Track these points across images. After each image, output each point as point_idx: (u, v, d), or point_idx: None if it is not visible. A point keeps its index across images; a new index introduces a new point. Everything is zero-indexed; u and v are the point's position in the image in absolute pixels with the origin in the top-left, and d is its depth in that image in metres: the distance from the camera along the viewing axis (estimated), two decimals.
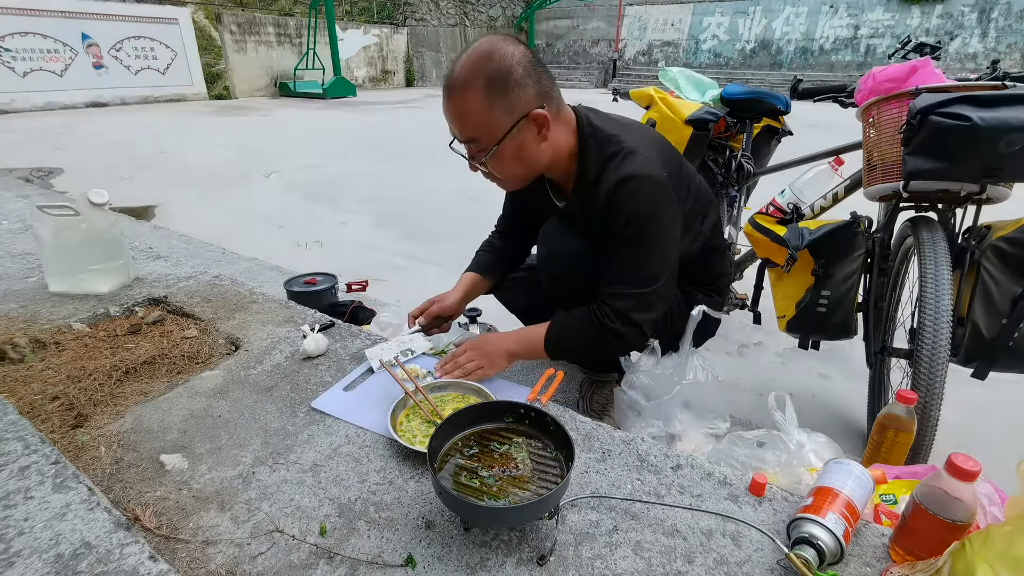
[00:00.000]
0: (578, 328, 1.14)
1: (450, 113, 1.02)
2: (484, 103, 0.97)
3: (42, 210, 1.55)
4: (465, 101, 0.98)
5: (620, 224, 1.06)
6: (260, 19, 13.25)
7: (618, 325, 1.10)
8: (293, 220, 3.72)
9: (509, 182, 1.12)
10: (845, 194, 1.69)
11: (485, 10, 19.24)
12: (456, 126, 1.03)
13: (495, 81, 0.96)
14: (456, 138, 1.06)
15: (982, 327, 1.22)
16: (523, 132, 1.02)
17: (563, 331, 1.16)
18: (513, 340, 1.21)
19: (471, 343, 1.20)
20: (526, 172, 1.11)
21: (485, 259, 1.45)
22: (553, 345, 1.17)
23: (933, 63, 1.38)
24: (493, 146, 1.02)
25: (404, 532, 0.84)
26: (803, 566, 0.73)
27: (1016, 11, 12.72)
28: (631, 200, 1.05)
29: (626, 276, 1.10)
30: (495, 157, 1.04)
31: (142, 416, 1.11)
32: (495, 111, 0.98)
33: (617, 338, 1.11)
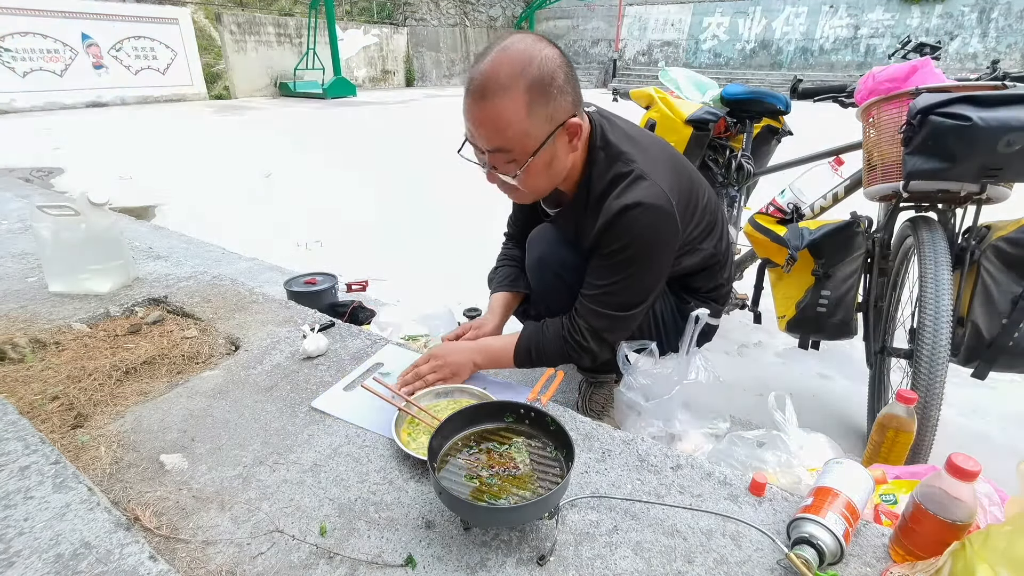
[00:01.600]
0: (549, 343, 1.14)
1: (479, 119, 0.91)
2: (524, 111, 0.89)
3: (42, 210, 1.54)
4: (502, 108, 0.88)
5: (615, 249, 1.02)
6: (260, 19, 13.25)
7: (590, 343, 1.10)
8: (293, 220, 3.72)
9: (529, 195, 1.05)
10: (845, 194, 1.69)
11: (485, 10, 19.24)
12: (484, 134, 0.93)
13: (537, 88, 0.88)
14: (475, 145, 0.97)
15: (982, 327, 1.22)
16: (557, 142, 0.96)
17: (534, 346, 1.15)
18: (479, 352, 1.16)
19: (435, 351, 1.14)
20: (550, 184, 1.04)
21: (510, 273, 1.36)
22: (522, 358, 1.16)
23: (933, 63, 1.38)
24: (527, 159, 0.94)
25: (404, 532, 0.84)
26: (803, 566, 0.73)
27: (1016, 11, 12.71)
28: (631, 229, 1.00)
29: (607, 299, 1.07)
30: (526, 170, 0.95)
31: (142, 416, 1.11)
32: (534, 120, 0.90)
33: (585, 353, 1.12)
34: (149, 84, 11.21)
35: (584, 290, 1.11)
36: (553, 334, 1.13)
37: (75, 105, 10.07)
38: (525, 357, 1.16)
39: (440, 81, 18.53)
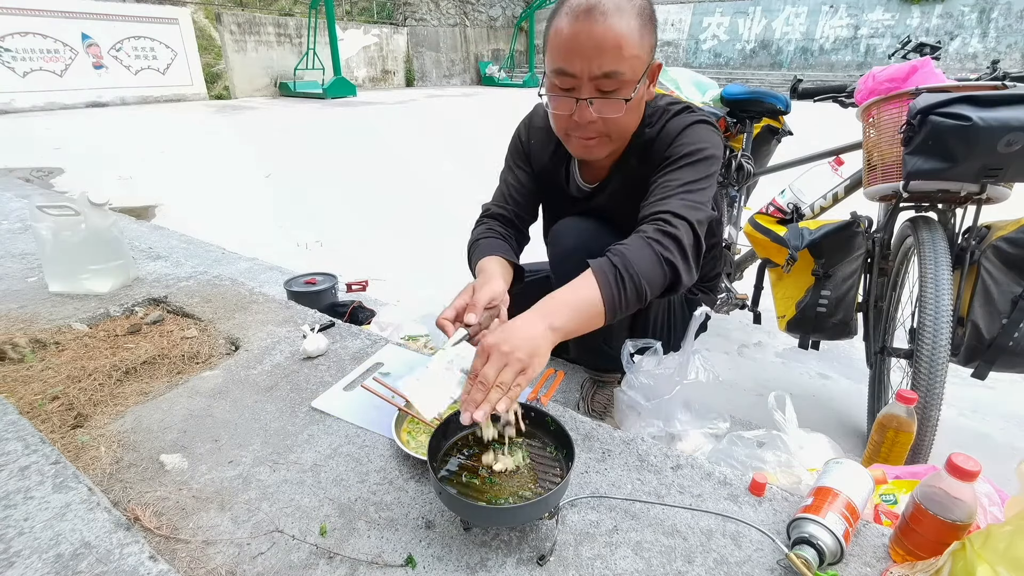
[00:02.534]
0: (635, 253, 0.87)
1: (595, 38, 0.86)
2: (636, 33, 0.88)
3: (42, 210, 1.55)
4: (619, 28, 0.86)
5: (691, 151, 0.97)
6: (260, 19, 13.24)
7: (680, 231, 0.90)
8: (293, 220, 3.72)
9: (613, 140, 1.00)
10: (845, 194, 1.69)
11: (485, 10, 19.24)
12: (600, 54, 0.87)
13: (645, 13, 0.90)
14: (572, 76, 0.90)
15: (982, 327, 1.22)
16: (646, 80, 0.94)
17: (622, 268, 0.85)
18: (550, 314, 0.81)
19: (487, 344, 0.78)
20: (633, 128, 1.01)
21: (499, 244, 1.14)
22: (612, 291, 0.84)
23: (933, 63, 1.38)
24: (635, 85, 0.91)
25: (404, 532, 0.84)
26: (803, 566, 0.73)
27: (1016, 11, 12.71)
28: (701, 136, 0.99)
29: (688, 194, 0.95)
30: (629, 102, 0.92)
31: (142, 416, 1.11)
32: (643, 45, 0.90)
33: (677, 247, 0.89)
34: (149, 84, 11.20)
35: (657, 195, 0.96)
36: (634, 244, 0.88)
37: (75, 105, 10.06)
38: (616, 288, 0.84)
39: (440, 81, 18.52)
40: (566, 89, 0.93)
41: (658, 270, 0.87)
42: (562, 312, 0.82)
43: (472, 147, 6.07)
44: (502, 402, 0.74)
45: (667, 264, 0.88)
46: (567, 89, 0.93)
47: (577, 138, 1.00)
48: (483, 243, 1.14)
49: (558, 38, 0.90)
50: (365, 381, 1.18)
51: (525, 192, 1.22)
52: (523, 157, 1.24)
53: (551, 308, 0.82)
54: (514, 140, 1.25)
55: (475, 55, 19.32)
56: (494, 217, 1.21)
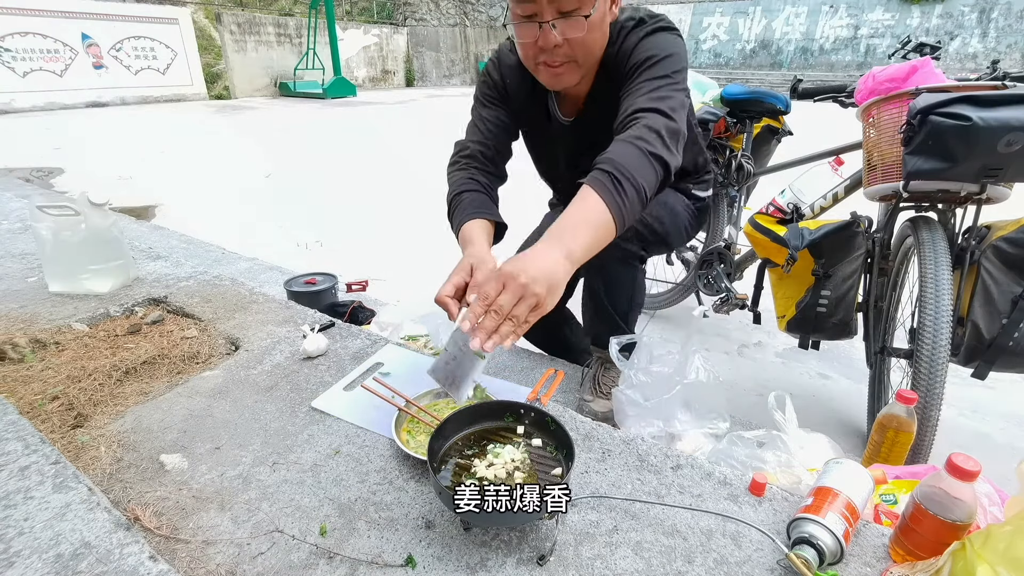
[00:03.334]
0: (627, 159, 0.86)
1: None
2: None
3: (42, 210, 1.55)
4: None
5: (655, 55, 0.98)
6: (260, 19, 13.25)
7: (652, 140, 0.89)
8: (293, 220, 3.72)
9: (580, 64, 1.02)
10: (845, 194, 1.69)
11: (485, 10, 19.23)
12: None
13: None
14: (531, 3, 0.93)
15: (982, 327, 1.22)
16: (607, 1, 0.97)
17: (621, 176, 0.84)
18: (565, 239, 0.79)
19: (506, 272, 0.73)
20: (599, 52, 1.03)
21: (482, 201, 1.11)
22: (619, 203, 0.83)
23: (933, 63, 1.38)
24: (593, 3, 0.93)
25: (404, 532, 0.84)
26: (803, 566, 0.73)
27: (1016, 11, 12.71)
28: (661, 43, 1.00)
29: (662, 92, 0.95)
30: (591, 21, 0.94)
31: (142, 416, 1.11)
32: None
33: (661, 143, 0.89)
34: (149, 84, 11.20)
35: (625, 104, 0.97)
36: (616, 148, 0.88)
37: (75, 105, 10.06)
38: (618, 194, 0.83)
39: (440, 81, 18.52)
40: (528, 16, 0.94)
41: (647, 165, 0.87)
42: (576, 234, 0.79)
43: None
44: (509, 337, 0.72)
45: (653, 157, 0.87)
46: (529, 16, 0.94)
47: (545, 66, 1.01)
48: (466, 198, 1.10)
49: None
50: (365, 381, 1.18)
51: (501, 128, 1.20)
52: (498, 93, 1.22)
53: (564, 232, 0.79)
54: (484, 78, 1.24)
55: (475, 55, 19.32)
56: (472, 157, 1.18)
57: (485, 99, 1.23)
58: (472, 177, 1.15)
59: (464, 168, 1.17)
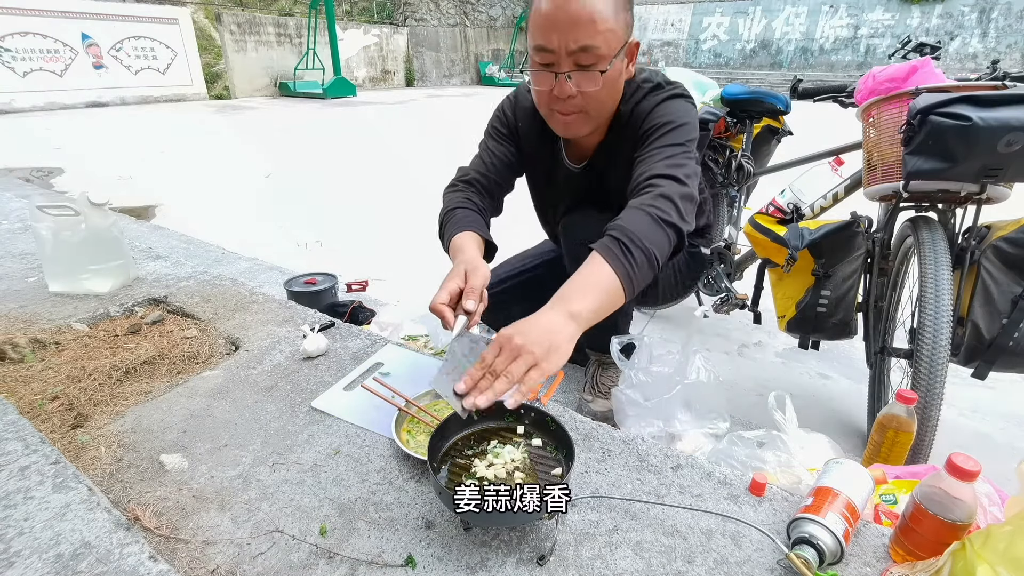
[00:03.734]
0: (636, 224, 0.87)
1: (571, 14, 0.90)
2: (611, 10, 0.92)
3: (42, 210, 1.55)
4: (593, 3, 0.90)
5: (668, 121, 1.01)
6: (260, 19, 13.24)
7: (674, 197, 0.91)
8: (293, 220, 3.72)
9: (592, 116, 1.03)
10: (845, 194, 1.69)
11: (485, 10, 19.24)
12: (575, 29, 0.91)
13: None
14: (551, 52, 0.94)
15: (982, 327, 1.22)
16: (623, 58, 0.99)
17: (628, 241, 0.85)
18: (569, 301, 0.80)
19: (502, 335, 0.76)
20: (612, 107, 1.06)
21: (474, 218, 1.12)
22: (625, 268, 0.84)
23: (933, 63, 1.38)
24: (612, 57, 0.95)
25: (404, 532, 0.84)
26: (803, 566, 0.73)
27: (1016, 11, 12.71)
28: (678, 111, 1.03)
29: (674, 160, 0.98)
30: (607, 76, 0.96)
31: (142, 416, 1.11)
32: (618, 22, 0.94)
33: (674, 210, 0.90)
34: (149, 84, 11.19)
35: (639, 168, 0.99)
36: (629, 215, 0.89)
37: (75, 105, 10.05)
38: (626, 260, 0.84)
39: (440, 81, 18.52)
40: (546, 65, 0.97)
41: (660, 232, 0.88)
42: (580, 296, 0.80)
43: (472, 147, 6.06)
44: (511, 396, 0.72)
45: (666, 224, 0.89)
46: (547, 65, 0.97)
47: (558, 114, 1.03)
48: (459, 214, 1.11)
49: (537, 16, 0.94)
50: (365, 381, 1.18)
51: (505, 164, 1.23)
52: (509, 131, 1.25)
53: (569, 295, 0.81)
54: (498, 114, 1.27)
55: (475, 55, 19.32)
56: (471, 183, 1.20)
57: (495, 133, 1.26)
58: (468, 198, 1.17)
59: (460, 191, 1.19)
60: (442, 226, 1.13)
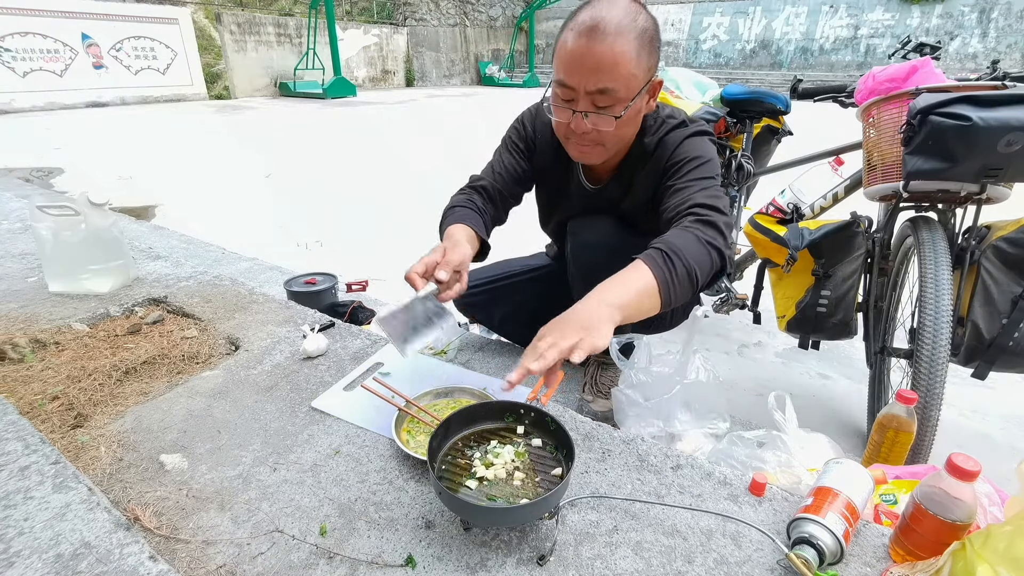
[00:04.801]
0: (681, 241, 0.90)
1: (594, 57, 0.92)
2: (634, 55, 0.94)
3: (42, 210, 1.55)
4: (618, 47, 0.92)
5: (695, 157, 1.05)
6: (260, 19, 13.23)
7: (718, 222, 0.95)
8: (293, 220, 3.72)
9: (608, 148, 1.06)
10: (845, 194, 1.69)
11: (485, 10, 19.24)
12: (597, 73, 0.93)
13: (646, 36, 0.96)
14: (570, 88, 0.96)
15: (982, 327, 1.22)
16: (644, 96, 1.01)
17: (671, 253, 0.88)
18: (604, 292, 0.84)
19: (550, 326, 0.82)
20: (630, 138, 1.09)
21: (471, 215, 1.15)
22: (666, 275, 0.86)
23: (933, 63, 1.38)
24: (629, 101, 0.97)
25: (404, 532, 0.84)
26: (803, 566, 0.73)
27: (1016, 11, 12.70)
28: (706, 148, 1.07)
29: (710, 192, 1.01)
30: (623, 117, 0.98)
31: (142, 416, 1.11)
32: (640, 66, 0.95)
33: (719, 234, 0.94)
34: (149, 84, 11.19)
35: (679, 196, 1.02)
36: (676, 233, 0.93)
37: (75, 105, 10.05)
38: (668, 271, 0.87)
39: (440, 81, 18.52)
40: (566, 100, 0.99)
41: (704, 254, 0.91)
42: (616, 289, 0.84)
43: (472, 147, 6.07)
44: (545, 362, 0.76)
45: (713, 248, 0.92)
46: (567, 100, 0.99)
47: (573, 144, 1.06)
48: (458, 211, 1.16)
49: (562, 52, 0.96)
50: (365, 381, 1.18)
51: (516, 175, 1.25)
52: (525, 144, 1.26)
53: (604, 288, 0.85)
54: (517, 126, 1.28)
55: (475, 55, 19.32)
56: (477, 189, 1.23)
57: (510, 145, 1.28)
58: (470, 199, 1.20)
59: (466, 194, 1.22)
60: (441, 221, 1.17)
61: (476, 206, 1.19)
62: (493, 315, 1.56)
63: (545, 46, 19.88)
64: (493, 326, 1.61)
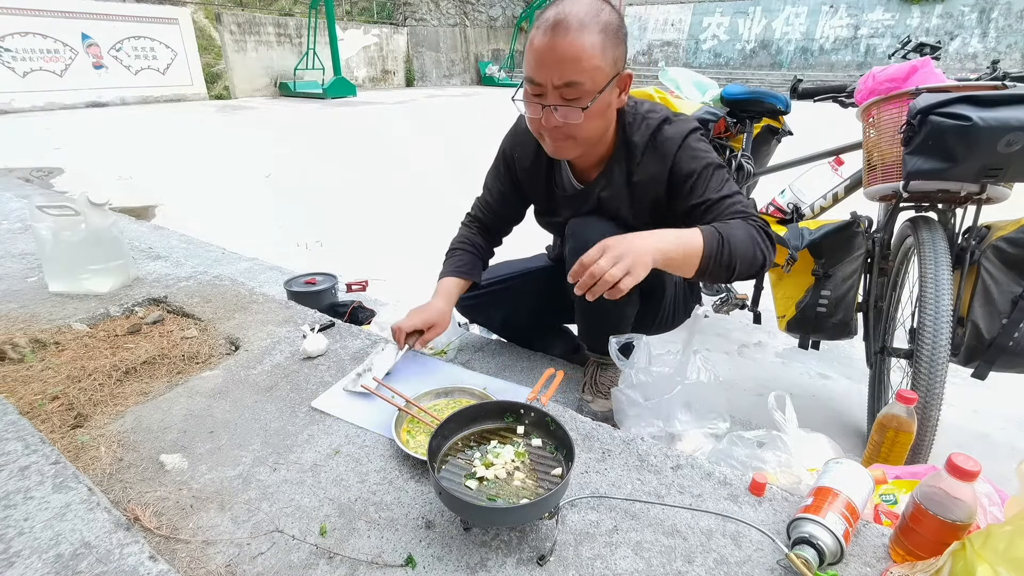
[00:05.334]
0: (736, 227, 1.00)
1: (558, 51, 0.95)
2: (598, 47, 0.96)
3: (42, 210, 1.54)
4: (580, 42, 0.94)
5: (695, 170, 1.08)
6: (260, 19, 13.24)
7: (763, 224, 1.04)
8: (293, 220, 3.72)
9: (579, 142, 1.08)
10: (845, 194, 1.69)
11: (485, 10, 19.23)
12: (559, 67, 0.96)
13: (610, 29, 0.98)
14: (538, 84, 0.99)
15: (982, 327, 1.22)
16: (613, 89, 1.03)
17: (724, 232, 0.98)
18: (661, 239, 0.94)
19: (606, 243, 0.91)
20: (601, 132, 1.10)
21: (466, 260, 1.36)
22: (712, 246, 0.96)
23: (933, 63, 1.38)
24: (596, 93, 0.99)
25: (404, 532, 0.84)
26: (803, 566, 0.73)
27: (1016, 11, 12.70)
28: (691, 150, 1.09)
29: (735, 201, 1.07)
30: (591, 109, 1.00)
31: (142, 416, 1.11)
32: (605, 58, 0.97)
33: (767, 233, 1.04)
34: (149, 84, 11.19)
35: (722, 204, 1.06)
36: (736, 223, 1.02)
37: (75, 105, 10.05)
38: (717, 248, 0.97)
39: (440, 81, 18.52)
40: (536, 95, 1.02)
41: (753, 252, 1.00)
42: (670, 238, 0.95)
43: (472, 147, 6.07)
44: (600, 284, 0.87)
45: (761, 251, 1.01)
46: (536, 95, 1.02)
47: (547, 140, 1.09)
48: (456, 256, 1.37)
49: (530, 50, 1.00)
50: (363, 381, 1.18)
51: (503, 203, 1.37)
52: (505, 169, 1.33)
53: (661, 234, 0.95)
54: (500, 152, 1.35)
55: (475, 55, 19.31)
56: (475, 220, 1.42)
57: (495, 170, 1.36)
58: (469, 239, 1.39)
59: (468, 227, 1.43)
60: (445, 259, 1.38)
61: (474, 245, 1.38)
62: (493, 318, 1.56)
63: None
64: (493, 328, 1.61)
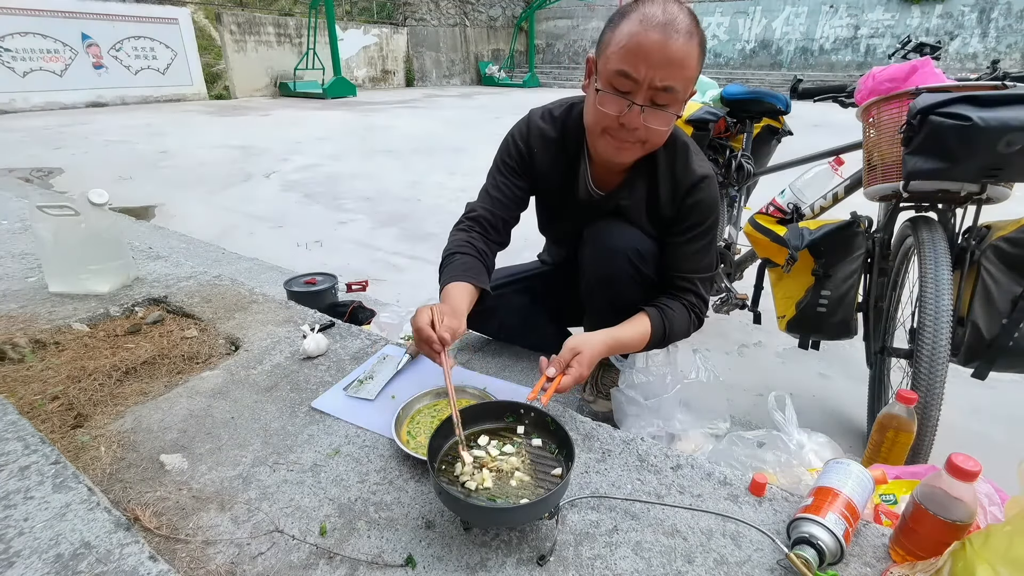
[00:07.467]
0: (679, 322, 1.13)
1: (668, 52, 0.92)
2: (696, 59, 0.96)
3: (42, 210, 1.54)
4: (688, 47, 0.94)
5: (698, 223, 1.13)
6: (260, 19, 13.23)
7: (702, 308, 1.18)
8: (293, 220, 3.72)
9: (645, 148, 1.06)
10: (845, 194, 1.69)
11: (485, 10, 19.23)
12: (668, 67, 0.93)
13: (704, 45, 0.98)
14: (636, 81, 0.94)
15: (982, 327, 1.22)
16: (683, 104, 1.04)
17: (668, 330, 1.12)
18: (604, 346, 1.05)
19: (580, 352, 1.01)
20: (663, 142, 1.10)
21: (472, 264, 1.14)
22: (656, 344, 1.13)
23: (933, 63, 1.38)
24: (683, 103, 1.01)
25: (404, 532, 0.84)
26: (803, 566, 0.73)
27: (1016, 11, 12.70)
28: (708, 199, 1.12)
29: (700, 267, 1.17)
30: (672, 114, 1.00)
31: (142, 416, 1.11)
32: (697, 71, 0.98)
33: (703, 318, 1.19)
34: (149, 84, 11.19)
35: (679, 264, 1.17)
36: (679, 314, 1.14)
37: (75, 105, 10.05)
38: (659, 337, 1.12)
39: (440, 81, 18.52)
40: (624, 91, 0.96)
41: (685, 333, 1.15)
42: (625, 343, 1.09)
43: (472, 147, 6.08)
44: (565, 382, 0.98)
45: (697, 319, 1.17)
46: (625, 91, 0.96)
47: (612, 139, 1.03)
48: (457, 260, 1.14)
49: (629, 40, 0.92)
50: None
51: (513, 197, 1.23)
52: (519, 164, 1.22)
53: (618, 335, 1.08)
54: (508, 145, 1.23)
55: (475, 55, 19.31)
56: (476, 220, 1.21)
57: (503, 166, 1.23)
58: (469, 240, 1.17)
59: (466, 231, 1.20)
60: (441, 267, 1.17)
61: (476, 248, 1.16)
62: (490, 327, 1.55)
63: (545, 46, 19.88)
64: (492, 334, 1.60)
